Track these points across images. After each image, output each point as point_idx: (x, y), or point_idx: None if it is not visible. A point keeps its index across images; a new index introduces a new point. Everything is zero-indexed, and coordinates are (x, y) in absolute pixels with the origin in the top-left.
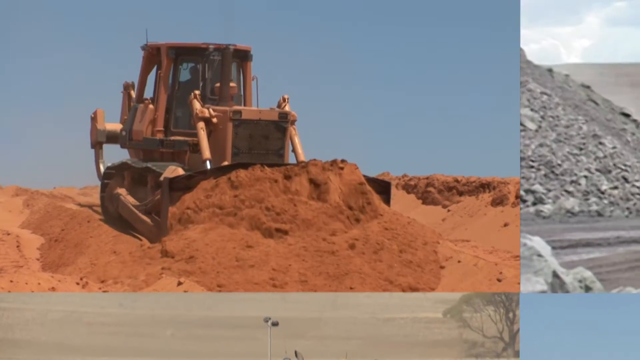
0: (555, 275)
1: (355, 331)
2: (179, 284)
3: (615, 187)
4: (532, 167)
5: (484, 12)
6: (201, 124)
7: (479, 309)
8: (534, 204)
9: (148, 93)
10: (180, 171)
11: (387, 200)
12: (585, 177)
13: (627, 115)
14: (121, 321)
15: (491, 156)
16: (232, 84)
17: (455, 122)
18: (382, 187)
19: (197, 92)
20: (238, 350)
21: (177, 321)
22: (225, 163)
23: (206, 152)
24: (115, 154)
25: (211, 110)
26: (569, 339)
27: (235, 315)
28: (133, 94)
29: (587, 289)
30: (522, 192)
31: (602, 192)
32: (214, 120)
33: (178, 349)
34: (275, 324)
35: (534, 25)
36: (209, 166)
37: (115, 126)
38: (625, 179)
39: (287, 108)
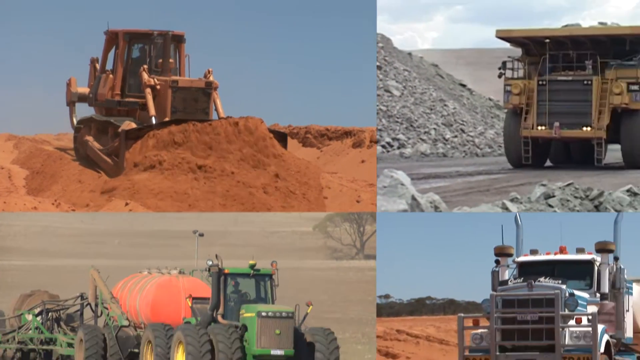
0: (413, 198)
1: (251, 241)
2: (126, 204)
3: (456, 136)
4: (397, 121)
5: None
6: (148, 90)
7: (338, 224)
8: (398, 147)
9: (109, 66)
10: (133, 125)
11: (284, 147)
12: (434, 129)
13: (463, 86)
14: (83, 233)
15: (353, 111)
16: (170, 60)
17: (328, 86)
18: (281, 137)
19: (145, 66)
20: (168, 255)
21: (123, 233)
22: (166, 119)
23: (152, 111)
24: (84, 111)
25: (155, 80)
26: (417, 245)
27: (167, 229)
28: (98, 66)
29: (436, 208)
30: (390, 140)
31: (446, 140)
32: (158, 87)
33: (123, 253)
34: (201, 235)
35: (398, 22)
36: (154, 121)
37: (84, 90)
38: (463, 131)
39: (211, 78)
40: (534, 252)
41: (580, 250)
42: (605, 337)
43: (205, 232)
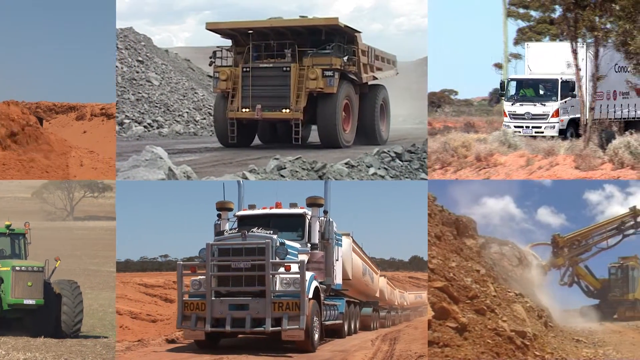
0: (170, 169)
1: (20, 207)
2: None
3: (204, 118)
4: (156, 106)
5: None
6: None
7: (52, 191)
8: (157, 128)
9: None
10: None
11: (41, 125)
12: (187, 112)
13: (210, 77)
14: None
15: (96, 89)
16: None
17: (72, 70)
18: (38, 120)
19: None
20: None
21: None
22: None
23: None
24: None
25: None
26: (161, 209)
27: None
28: None
29: (188, 177)
30: (150, 121)
31: (197, 121)
32: None
33: None
34: None
35: (157, 25)
36: None
37: None
38: (210, 114)
39: None
40: (251, 207)
41: (293, 205)
42: (315, 283)
43: None
